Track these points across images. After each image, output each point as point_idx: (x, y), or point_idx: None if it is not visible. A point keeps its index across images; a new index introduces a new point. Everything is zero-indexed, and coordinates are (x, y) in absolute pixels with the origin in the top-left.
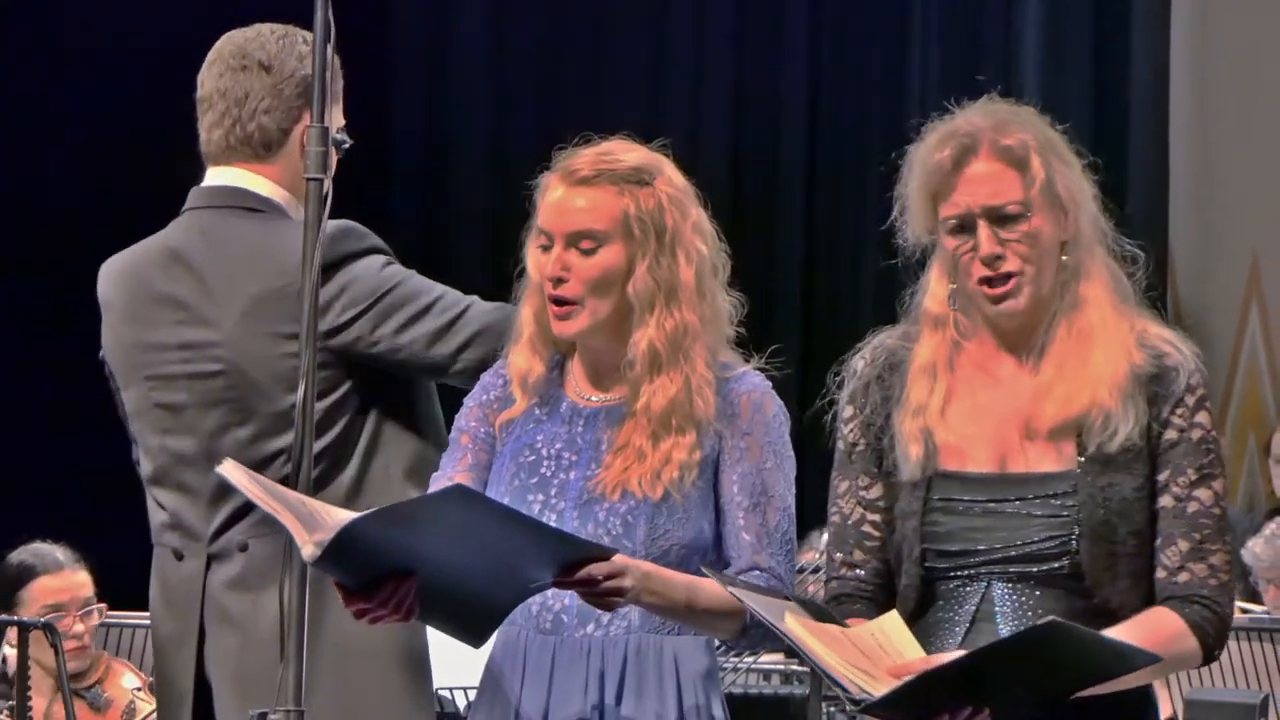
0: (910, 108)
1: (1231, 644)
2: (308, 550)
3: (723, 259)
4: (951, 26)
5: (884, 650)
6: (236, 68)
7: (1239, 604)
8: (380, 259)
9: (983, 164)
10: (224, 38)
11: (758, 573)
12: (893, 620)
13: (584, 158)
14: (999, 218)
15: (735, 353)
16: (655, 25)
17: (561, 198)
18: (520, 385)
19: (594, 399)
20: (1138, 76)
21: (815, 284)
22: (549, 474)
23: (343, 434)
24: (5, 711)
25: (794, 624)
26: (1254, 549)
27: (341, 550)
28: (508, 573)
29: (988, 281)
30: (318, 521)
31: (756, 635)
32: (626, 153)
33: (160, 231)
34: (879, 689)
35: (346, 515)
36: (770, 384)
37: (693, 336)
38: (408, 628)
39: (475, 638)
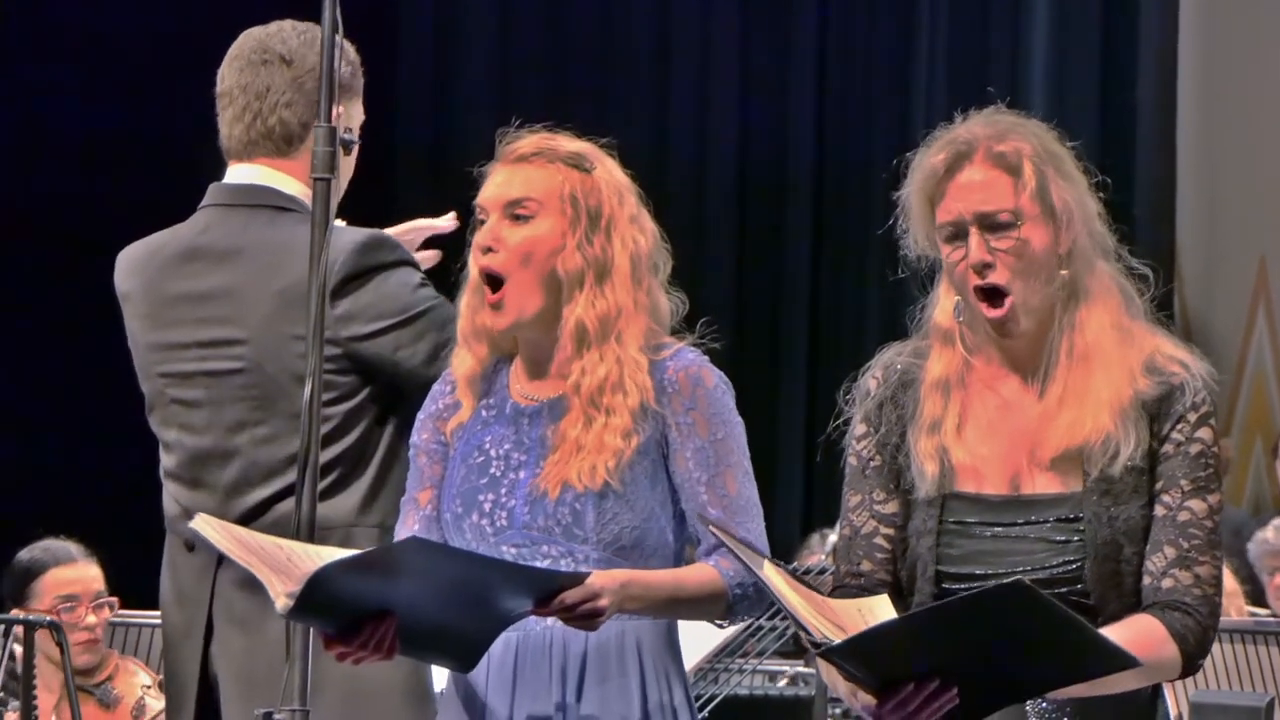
0: (917, 117)
1: (1238, 646)
2: (280, 603)
3: (664, 257)
4: (959, 34)
5: (865, 622)
6: (258, 62)
7: (1247, 608)
8: (415, 276)
9: (975, 170)
10: (244, 34)
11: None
12: (881, 602)
13: (526, 140)
14: (990, 225)
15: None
16: (661, 35)
17: (501, 176)
18: (464, 387)
19: (534, 397)
20: (1145, 82)
21: (821, 296)
22: (499, 474)
23: (359, 442)
24: (12, 709)
25: (771, 572)
26: (1266, 535)
27: (313, 599)
28: (485, 607)
29: (985, 298)
30: (292, 569)
31: (742, 610)
32: (569, 141)
33: (178, 226)
34: (842, 638)
35: (324, 558)
36: (706, 357)
37: (625, 319)
38: None
39: (462, 665)
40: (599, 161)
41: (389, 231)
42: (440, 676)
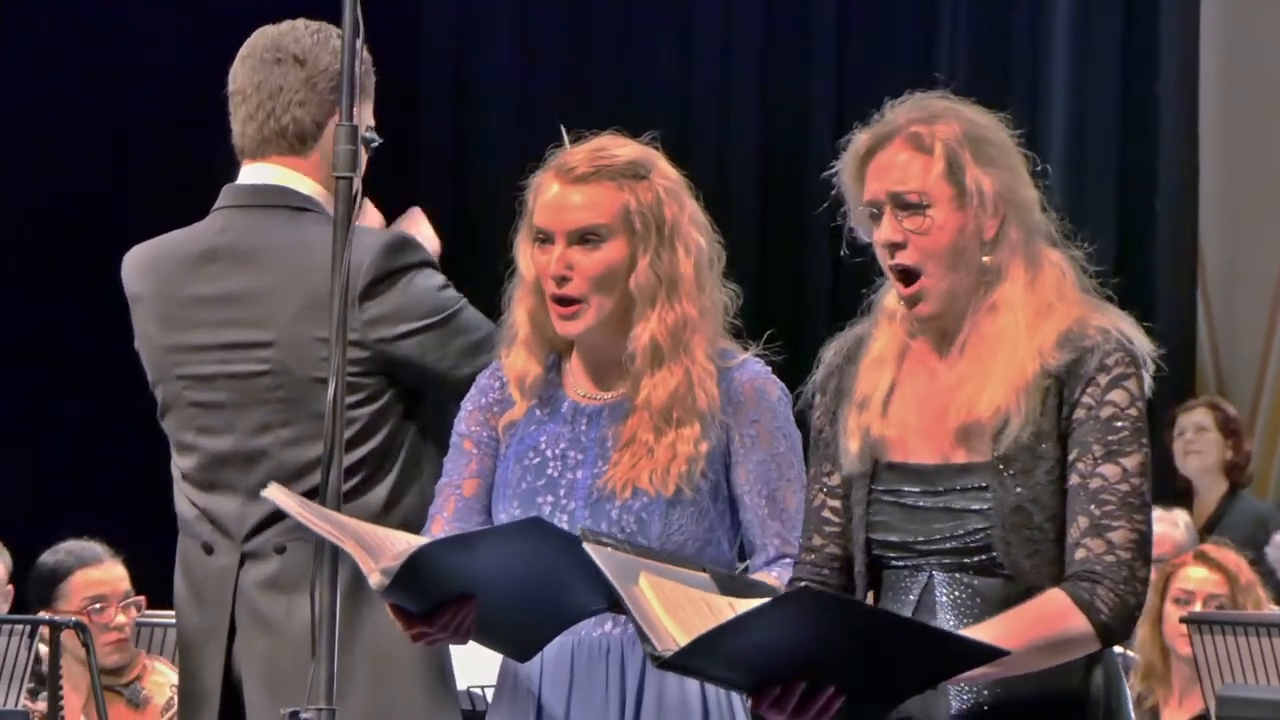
0: None
1: (1265, 640)
2: (375, 579)
3: (718, 250)
4: (980, 25)
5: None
6: (271, 61)
7: (1272, 605)
8: (438, 277)
9: (892, 151)
10: (257, 33)
11: (788, 560)
12: (741, 605)
13: (579, 155)
14: (901, 205)
15: (733, 342)
16: (681, 30)
17: (560, 195)
18: (518, 387)
19: (596, 397)
20: (1167, 72)
21: (843, 283)
22: (556, 474)
23: (385, 444)
24: (38, 706)
25: (645, 583)
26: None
27: (410, 575)
28: (565, 598)
29: (899, 277)
30: (375, 546)
31: None
32: (620, 148)
33: (191, 227)
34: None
35: (404, 539)
36: (769, 369)
37: (692, 329)
38: None
39: (523, 654)
40: (652, 164)
41: None
42: (463, 667)
